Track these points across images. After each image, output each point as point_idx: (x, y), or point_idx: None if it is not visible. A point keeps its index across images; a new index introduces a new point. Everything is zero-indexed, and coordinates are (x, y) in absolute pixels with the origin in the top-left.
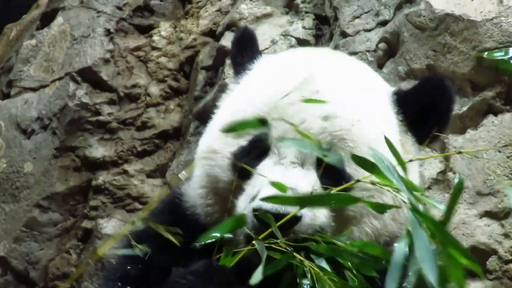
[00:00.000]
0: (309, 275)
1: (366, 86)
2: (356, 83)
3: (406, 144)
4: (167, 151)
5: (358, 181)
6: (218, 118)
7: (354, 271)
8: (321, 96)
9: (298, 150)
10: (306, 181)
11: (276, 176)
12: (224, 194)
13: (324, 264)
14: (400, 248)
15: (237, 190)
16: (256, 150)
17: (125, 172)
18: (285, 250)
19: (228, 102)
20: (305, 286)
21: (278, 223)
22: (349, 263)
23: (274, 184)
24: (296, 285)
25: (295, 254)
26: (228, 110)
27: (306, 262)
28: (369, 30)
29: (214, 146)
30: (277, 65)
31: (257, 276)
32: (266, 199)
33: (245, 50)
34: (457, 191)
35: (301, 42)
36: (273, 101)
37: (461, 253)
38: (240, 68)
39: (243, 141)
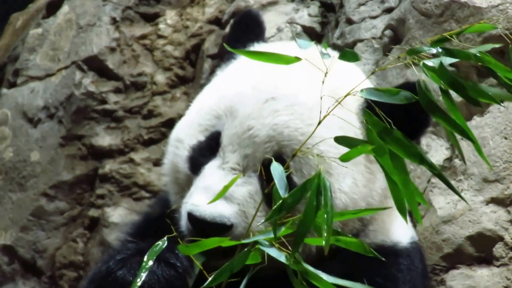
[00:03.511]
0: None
1: (334, 93)
2: (321, 91)
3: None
4: None
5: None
6: (192, 106)
7: None
8: (275, 104)
9: (242, 157)
10: (244, 189)
11: (214, 181)
12: (183, 185)
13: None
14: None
15: (191, 184)
16: (208, 148)
17: (132, 160)
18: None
19: (205, 90)
20: None
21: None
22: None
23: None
24: None
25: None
26: (201, 100)
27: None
28: (374, 17)
29: (180, 135)
30: (252, 61)
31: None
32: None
33: (240, 36)
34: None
35: (307, 30)
36: (231, 102)
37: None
38: (229, 55)
39: (201, 136)
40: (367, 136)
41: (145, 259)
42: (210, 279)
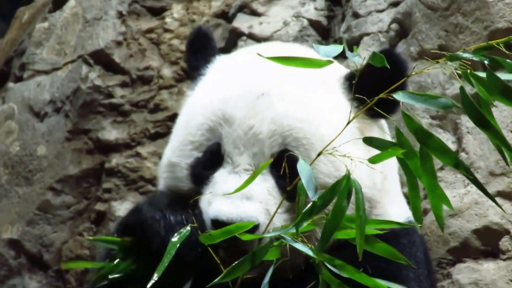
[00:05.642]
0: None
1: (315, 79)
2: (304, 78)
3: (365, 130)
4: None
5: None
6: (175, 130)
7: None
8: (267, 99)
9: (251, 157)
10: (262, 187)
11: (231, 186)
12: (187, 200)
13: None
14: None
15: (197, 200)
16: (210, 160)
17: (138, 154)
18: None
19: (183, 112)
20: None
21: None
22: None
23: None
24: None
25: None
26: (183, 121)
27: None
28: (381, 11)
29: (173, 160)
30: (227, 69)
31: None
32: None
33: (199, 53)
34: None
35: (313, 24)
36: (222, 110)
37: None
38: (195, 72)
39: (198, 153)
40: (396, 137)
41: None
42: (225, 271)
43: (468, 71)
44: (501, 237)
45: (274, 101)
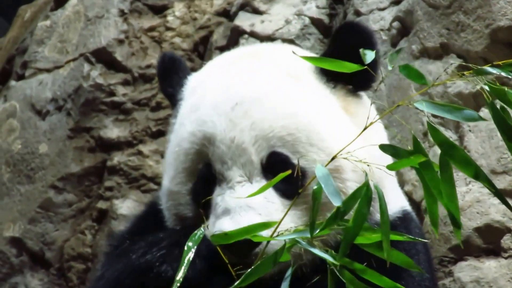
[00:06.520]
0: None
1: (284, 74)
2: (273, 77)
3: (349, 107)
4: None
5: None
6: (167, 159)
7: None
8: (241, 108)
9: (240, 168)
10: (258, 196)
11: (228, 202)
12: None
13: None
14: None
15: (203, 220)
16: (206, 183)
17: (140, 152)
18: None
19: (171, 141)
20: None
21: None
22: None
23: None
24: None
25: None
26: (173, 150)
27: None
28: (382, 9)
29: (173, 189)
30: (198, 88)
31: None
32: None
33: (171, 79)
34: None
35: (315, 22)
36: (201, 131)
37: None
38: (173, 99)
39: (193, 178)
40: (413, 146)
41: (185, 248)
42: (243, 276)
43: (506, 89)
44: (503, 235)
45: (249, 107)
